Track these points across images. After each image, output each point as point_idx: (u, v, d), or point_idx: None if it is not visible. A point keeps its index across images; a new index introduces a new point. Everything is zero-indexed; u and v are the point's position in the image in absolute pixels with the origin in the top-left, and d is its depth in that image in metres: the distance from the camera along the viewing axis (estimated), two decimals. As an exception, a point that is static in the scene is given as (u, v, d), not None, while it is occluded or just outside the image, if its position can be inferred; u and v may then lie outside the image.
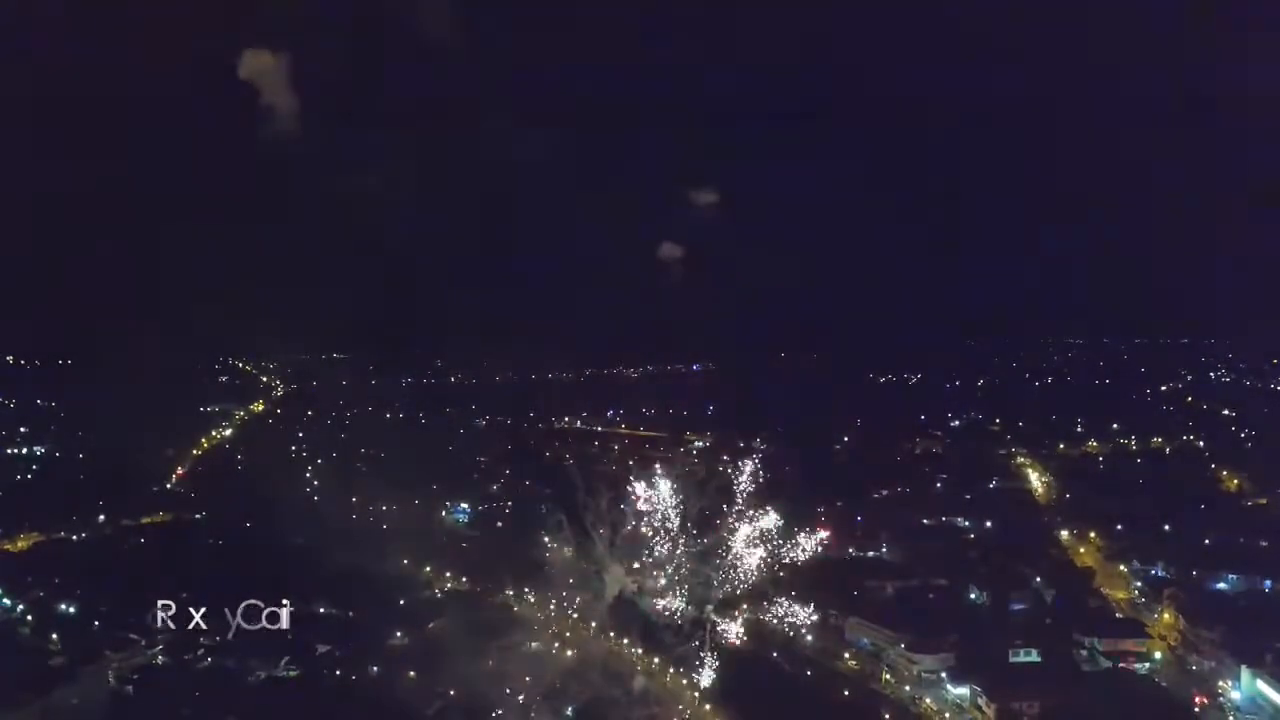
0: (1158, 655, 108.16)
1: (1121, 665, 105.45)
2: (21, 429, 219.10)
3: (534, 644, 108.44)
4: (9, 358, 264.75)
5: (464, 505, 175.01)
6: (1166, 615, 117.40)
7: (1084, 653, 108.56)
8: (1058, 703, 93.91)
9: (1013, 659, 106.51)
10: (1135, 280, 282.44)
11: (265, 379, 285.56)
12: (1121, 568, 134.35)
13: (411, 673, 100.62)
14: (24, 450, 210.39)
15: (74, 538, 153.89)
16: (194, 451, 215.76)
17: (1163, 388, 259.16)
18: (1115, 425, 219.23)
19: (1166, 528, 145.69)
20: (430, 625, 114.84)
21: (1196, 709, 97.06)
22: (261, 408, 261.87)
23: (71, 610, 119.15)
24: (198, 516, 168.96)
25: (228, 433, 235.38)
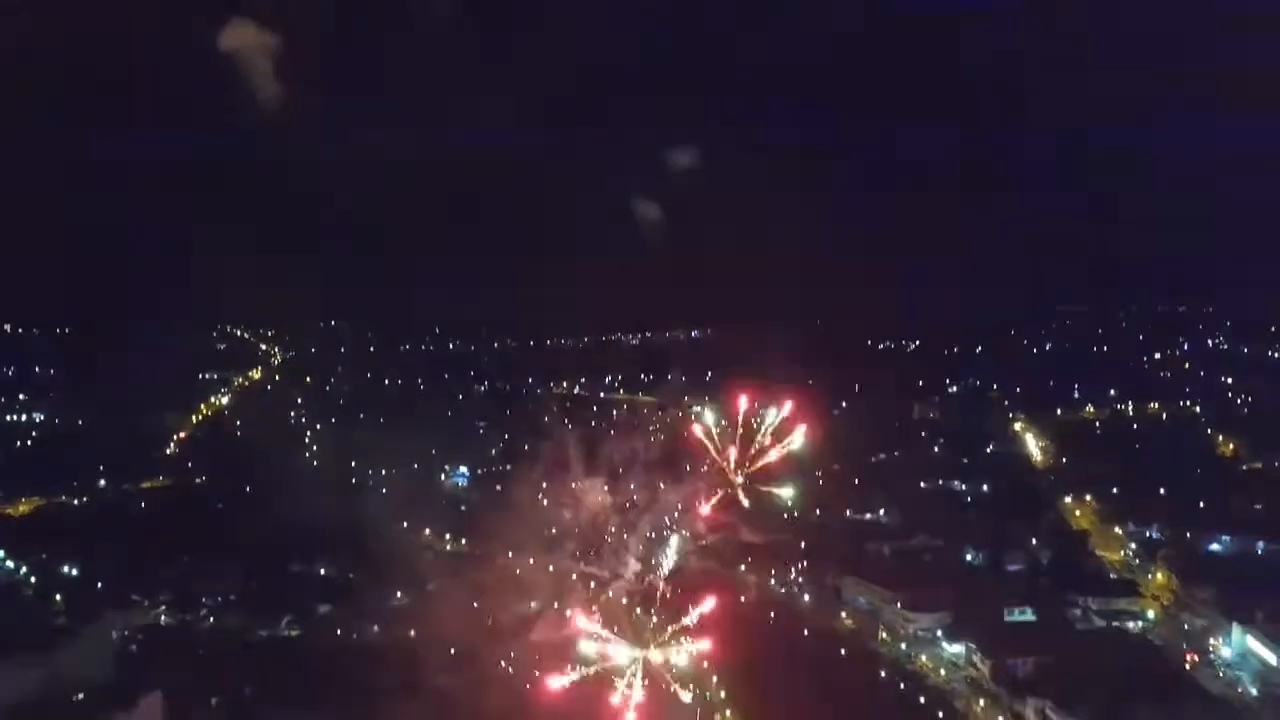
0: (1151, 614, 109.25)
1: (1115, 624, 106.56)
2: (21, 396, 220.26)
3: (533, 603, 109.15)
4: (7, 326, 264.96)
5: (463, 469, 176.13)
6: (1160, 575, 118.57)
7: (1078, 612, 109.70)
8: (1052, 660, 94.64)
9: (1008, 618, 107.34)
10: (1135, 247, 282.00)
11: (264, 346, 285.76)
12: (1117, 530, 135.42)
13: (412, 632, 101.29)
14: (24, 417, 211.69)
15: (75, 502, 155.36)
16: (193, 418, 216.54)
17: (1159, 354, 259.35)
18: (1113, 391, 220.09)
19: (1162, 491, 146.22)
20: (430, 586, 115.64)
21: (1187, 665, 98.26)
22: (260, 374, 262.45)
23: (74, 572, 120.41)
24: (198, 481, 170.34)
25: (227, 399, 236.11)
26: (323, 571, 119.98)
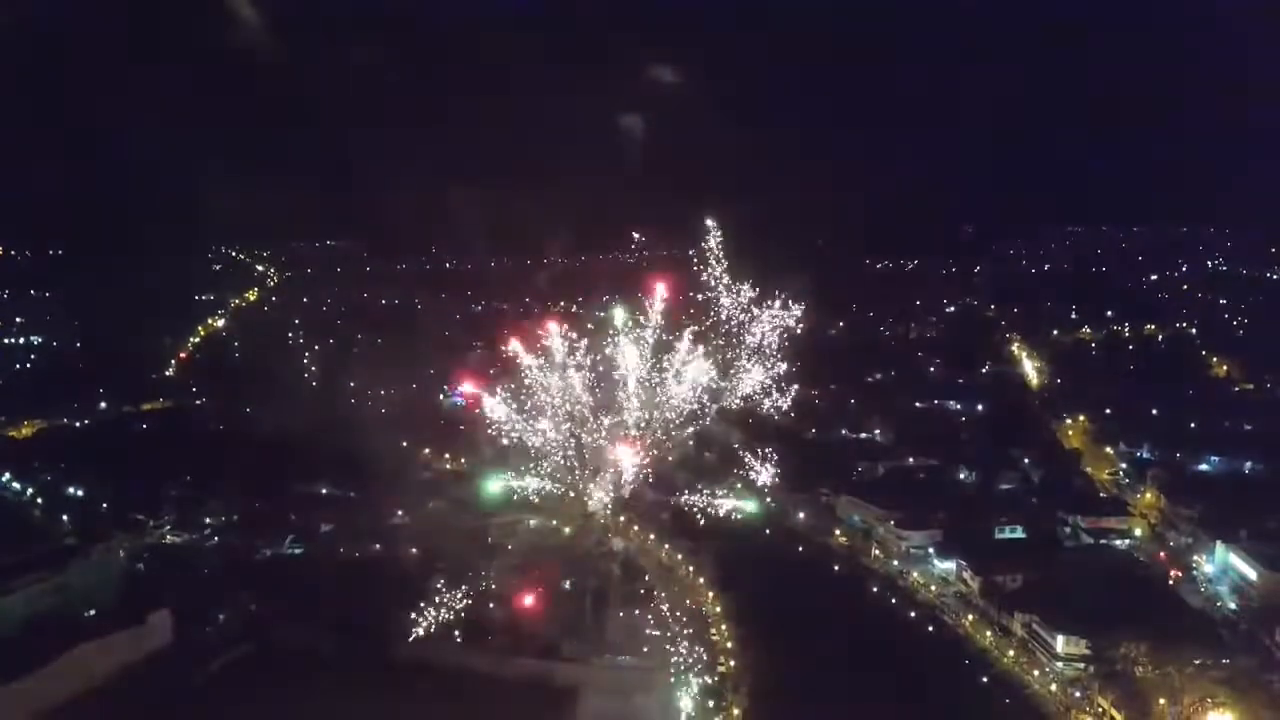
0: (1138, 532, 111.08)
1: (1103, 541, 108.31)
2: (18, 319, 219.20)
3: (531, 521, 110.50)
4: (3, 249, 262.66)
5: (460, 389, 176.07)
6: (1149, 495, 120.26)
7: (1068, 529, 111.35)
8: (1040, 576, 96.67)
9: (998, 535, 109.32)
10: (1133, 168, 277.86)
11: (260, 267, 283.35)
12: (1108, 450, 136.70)
13: (412, 549, 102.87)
14: (22, 340, 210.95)
15: (77, 424, 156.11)
16: (191, 339, 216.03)
17: (1156, 276, 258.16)
18: (1109, 312, 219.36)
19: (1154, 412, 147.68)
20: (429, 505, 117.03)
21: (1171, 581, 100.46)
22: (257, 295, 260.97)
23: (79, 494, 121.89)
24: (199, 403, 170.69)
25: (224, 321, 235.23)
26: (324, 491, 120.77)
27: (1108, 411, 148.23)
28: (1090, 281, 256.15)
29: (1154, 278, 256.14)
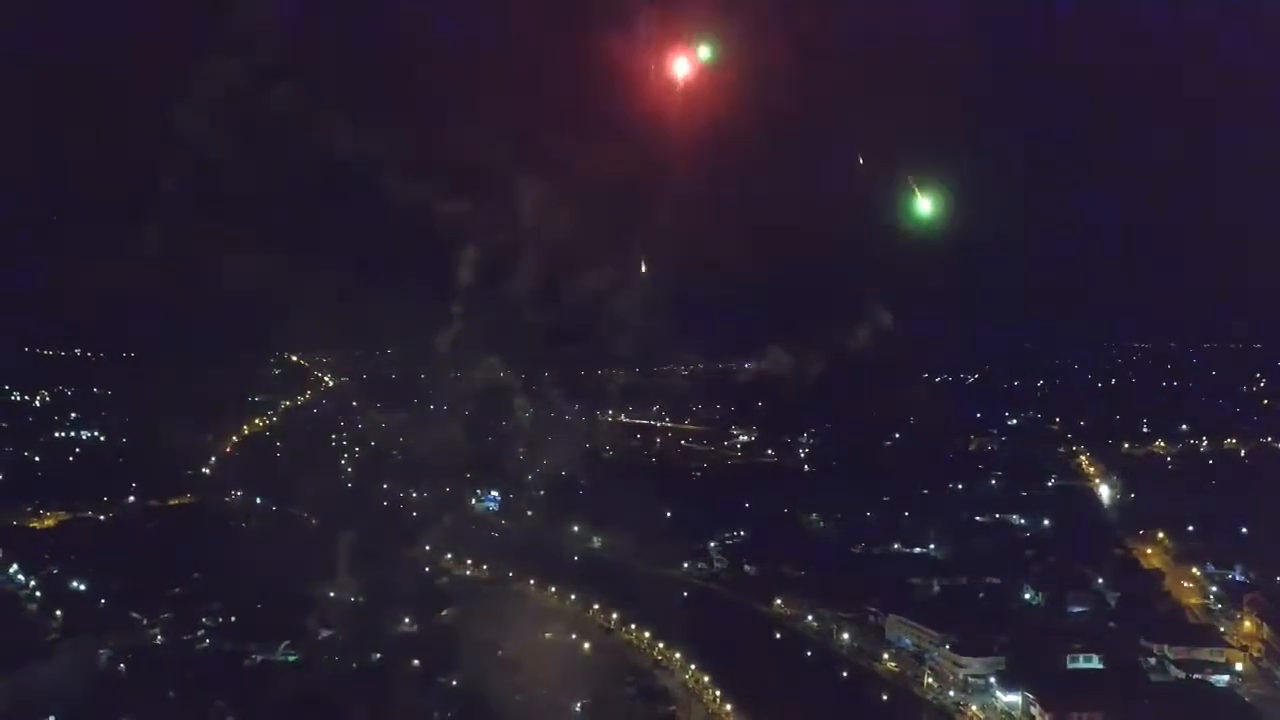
0: (1239, 666, 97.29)
1: (1196, 676, 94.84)
2: (73, 414, 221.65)
3: (547, 634, 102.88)
4: (76, 350, 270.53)
5: (494, 493, 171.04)
6: (1248, 622, 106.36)
7: (1152, 661, 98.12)
8: (1122, 714, 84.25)
9: (1071, 665, 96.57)
10: (1206, 281, 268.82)
11: (317, 372, 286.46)
12: (1194, 570, 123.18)
13: (415, 661, 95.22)
14: (72, 434, 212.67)
15: (100, 517, 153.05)
16: (234, 437, 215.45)
17: (1233, 391, 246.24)
18: (1184, 426, 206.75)
19: (1244, 530, 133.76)
20: (442, 613, 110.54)
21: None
22: (307, 398, 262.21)
23: (81, 588, 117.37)
24: (225, 499, 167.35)
25: (271, 421, 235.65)
26: (331, 594, 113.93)
27: (1190, 529, 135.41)
28: (1161, 394, 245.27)
29: (1234, 391, 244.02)
